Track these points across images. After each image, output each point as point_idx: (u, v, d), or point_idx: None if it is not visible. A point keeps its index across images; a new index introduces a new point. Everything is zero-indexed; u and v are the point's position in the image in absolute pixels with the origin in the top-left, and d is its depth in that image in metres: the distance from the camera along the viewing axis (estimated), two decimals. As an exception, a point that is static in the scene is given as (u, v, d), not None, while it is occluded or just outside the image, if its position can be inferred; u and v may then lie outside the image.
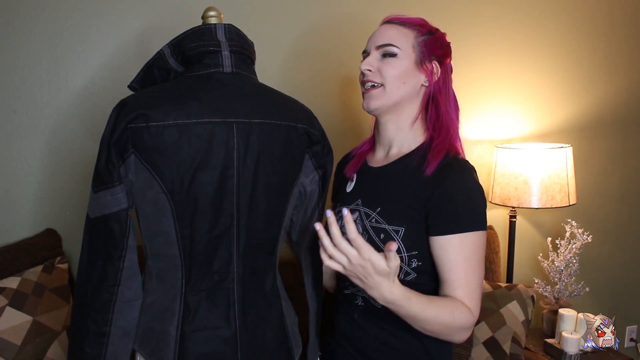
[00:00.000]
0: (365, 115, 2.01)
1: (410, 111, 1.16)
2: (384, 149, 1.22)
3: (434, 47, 1.14)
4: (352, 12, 1.91)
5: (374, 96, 1.14)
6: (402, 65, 1.12)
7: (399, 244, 1.08)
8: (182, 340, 0.98)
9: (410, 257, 1.08)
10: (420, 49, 1.13)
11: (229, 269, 1.02)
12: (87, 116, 1.68)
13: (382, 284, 0.92)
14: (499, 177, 2.00)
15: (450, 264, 1.04)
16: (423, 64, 1.13)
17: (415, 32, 1.14)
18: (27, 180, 1.66)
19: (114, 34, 1.68)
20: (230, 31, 1.03)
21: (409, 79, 1.13)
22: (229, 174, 0.97)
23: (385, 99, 1.13)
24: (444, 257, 1.05)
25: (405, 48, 1.13)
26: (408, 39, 1.13)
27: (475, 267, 1.05)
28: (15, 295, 1.48)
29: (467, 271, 1.04)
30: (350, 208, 1.18)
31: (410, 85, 1.14)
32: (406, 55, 1.12)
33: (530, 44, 2.19)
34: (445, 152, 1.11)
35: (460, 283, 1.03)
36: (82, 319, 0.96)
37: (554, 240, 2.15)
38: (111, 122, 0.94)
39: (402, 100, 1.14)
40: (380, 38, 1.14)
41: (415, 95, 1.15)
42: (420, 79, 1.14)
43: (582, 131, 2.33)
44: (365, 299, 1.16)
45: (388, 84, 1.12)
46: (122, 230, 0.95)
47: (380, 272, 0.90)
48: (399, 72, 1.12)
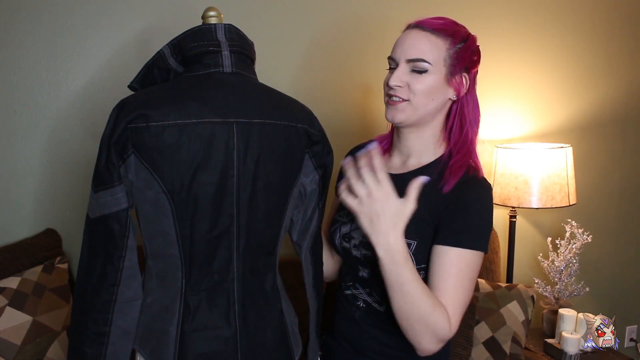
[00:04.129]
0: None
1: (434, 124, 1.13)
2: (401, 156, 1.19)
3: (465, 58, 1.09)
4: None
5: (400, 109, 1.09)
6: (432, 81, 1.07)
7: (410, 257, 1.02)
8: (182, 340, 0.98)
9: (418, 270, 1.06)
10: (451, 62, 1.08)
11: (229, 269, 1.02)
12: (87, 116, 1.68)
13: (391, 230, 0.92)
14: (499, 177, 2.00)
15: (443, 273, 1.03)
16: (453, 77, 1.09)
17: (448, 43, 1.08)
18: (27, 180, 1.66)
19: (114, 34, 1.68)
20: (230, 31, 1.03)
21: (437, 95, 1.09)
22: (229, 174, 0.97)
23: (411, 113, 1.09)
24: (440, 265, 1.04)
25: (437, 63, 1.07)
26: (440, 52, 1.07)
27: (465, 285, 1.04)
28: (15, 295, 1.48)
29: (457, 285, 1.02)
30: None
31: (438, 101, 1.10)
32: (437, 70, 1.07)
33: (530, 44, 2.19)
34: (464, 170, 1.10)
35: (448, 293, 1.02)
36: (82, 319, 0.96)
37: (554, 240, 2.15)
38: (111, 122, 0.94)
39: (427, 116, 1.11)
40: (411, 50, 1.08)
41: (441, 110, 1.12)
42: (448, 93, 1.10)
43: (582, 131, 2.33)
44: (366, 301, 1.15)
45: (415, 100, 1.08)
46: (122, 231, 0.95)
47: (393, 214, 0.91)
48: (428, 88, 1.07)
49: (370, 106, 1.96)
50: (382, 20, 1.92)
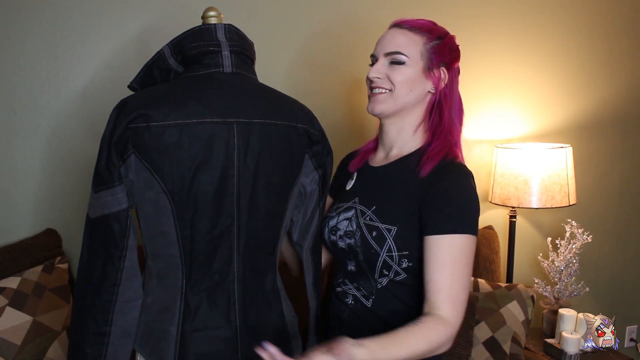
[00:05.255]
0: (369, 118, 2.01)
1: (413, 116, 1.17)
2: (385, 149, 1.22)
3: (443, 53, 1.14)
4: (355, 14, 1.91)
5: (380, 100, 1.14)
6: (410, 73, 1.12)
7: (390, 242, 1.08)
8: (183, 340, 0.98)
9: (400, 256, 1.08)
10: (428, 56, 1.13)
11: (229, 268, 1.02)
12: (87, 116, 1.68)
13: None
14: (499, 177, 2.00)
15: (437, 262, 1.03)
16: (431, 71, 1.13)
17: (425, 39, 1.13)
18: (27, 180, 1.66)
19: (114, 34, 1.68)
20: (230, 31, 1.03)
21: (416, 86, 1.13)
22: (230, 174, 0.97)
23: (391, 103, 1.14)
24: (432, 256, 1.04)
25: (414, 56, 1.12)
26: (417, 46, 1.12)
27: (461, 270, 1.04)
28: (15, 295, 1.48)
29: (453, 273, 1.03)
30: (347, 206, 1.18)
31: (417, 93, 1.14)
32: (414, 62, 1.12)
33: (530, 43, 2.19)
34: (442, 156, 1.12)
35: (444, 284, 1.02)
36: (83, 318, 0.96)
37: (554, 240, 2.15)
38: (111, 122, 0.94)
39: (407, 106, 1.15)
40: (389, 45, 1.14)
41: (421, 102, 1.16)
42: (427, 86, 1.14)
43: (582, 131, 2.33)
44: (355, 296, 1.15)
45: (395, 90, 1.13)
46: (122, 230, 0.95)
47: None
48: (406, 79, 1.12)
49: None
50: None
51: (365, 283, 1.13)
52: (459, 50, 1.19)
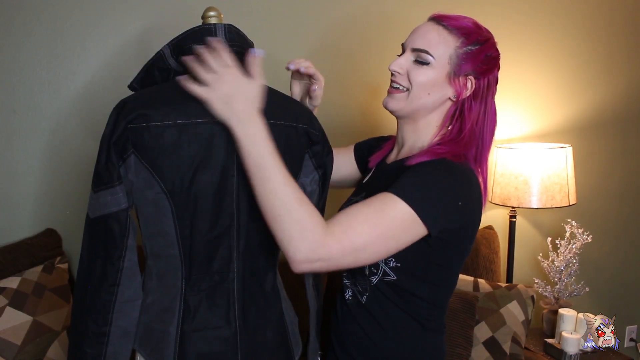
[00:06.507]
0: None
1: (429, 121, 1.11)
2: (398, 147, 1.19)
3: (475, 62, 1.07)
4: (354, 13, 1.91)
5: (396, 98, 1.10)
6: (432, 76, 1.06)
7: None
8: (182, 340, 0.98)
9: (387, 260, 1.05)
10: (457, 62, 1.06)
11: (229, 269, 1.02)
12: (87, 116, 1.68)
13: (248, 108, 0.89)
14: (499, 177, 2.00)
15: (362, 203, 0.95)
16: (456, 78, 1.06)
17: (459, 42, 1.06)
18: (27, 180, 1.66)
19: (114, 34, 1.68)
20: (230, 31, 1.03)
21: (435, 90, 1.07)
22: (229, 174, 0.97)
23: (405, 104, 1.09)
24: (362, 202, 0.97)
25: (441, 58, 1.05)
26: (447, 49, 1.05)
27: (377, 222, 0.93)
28: (15, 295, 1.48)
29: (368, 219, 0.92)
30: (356, 200, 1.16)
31: (435, 97, 1.08)
32: (440, 65, 1.05)
33: (530, 44, 2.19)
34: (442, 157, 1.05)
35: (354, 216, 0.92)
36: (82, 318, 0.97)
37: (554, 240, 2.15)
38: (111, 122, 0.94)
39: (422, 110, 1.10)
40: (419, 40, 1.07)
41: (438, 107, 1.10)
42: (447, 92, 1.08)
43: (582, 131, 2.33)
44: (352, 291, 1.15)
45: (412, 91, 1.07)
46: (122, 230, 0.95)
47: (247, 93, 0.89)
48: (426, 81, 1.06)
49: (374, 106, 1.96)
50: (386, 20, 1.92)
51: (361, 279, 1.13)
52: (497, 60, 1.11)
